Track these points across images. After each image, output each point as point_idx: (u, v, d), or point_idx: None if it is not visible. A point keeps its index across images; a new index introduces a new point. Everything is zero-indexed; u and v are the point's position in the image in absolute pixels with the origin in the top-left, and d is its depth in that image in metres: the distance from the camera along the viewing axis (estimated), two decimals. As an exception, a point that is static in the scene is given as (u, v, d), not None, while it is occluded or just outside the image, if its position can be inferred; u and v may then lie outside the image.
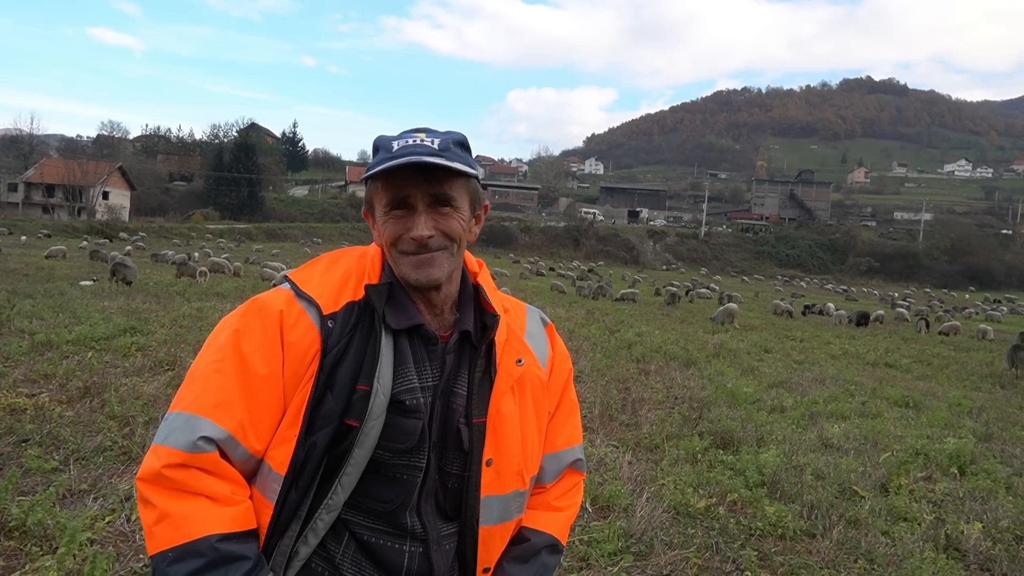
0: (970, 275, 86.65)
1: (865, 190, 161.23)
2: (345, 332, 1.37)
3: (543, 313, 1.68)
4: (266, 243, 57.87)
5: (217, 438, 1.28)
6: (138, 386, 6.86)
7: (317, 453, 1.32)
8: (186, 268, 23.27)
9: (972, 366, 17.21)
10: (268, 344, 1.34)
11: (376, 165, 1.36)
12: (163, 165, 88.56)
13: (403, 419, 1.35)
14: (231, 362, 1.33)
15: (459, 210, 1.41)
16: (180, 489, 1.26)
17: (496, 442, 1.41)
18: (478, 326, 1.48)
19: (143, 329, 10.17)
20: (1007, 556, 4.74)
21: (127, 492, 4.39)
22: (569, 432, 1.63)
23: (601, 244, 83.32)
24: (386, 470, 1.37)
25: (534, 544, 1.53)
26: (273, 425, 1.33)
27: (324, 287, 1.42)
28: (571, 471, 1.64)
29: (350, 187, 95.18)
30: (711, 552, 4.41)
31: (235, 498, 1.30)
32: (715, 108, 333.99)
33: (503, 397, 1.43)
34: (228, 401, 1.30)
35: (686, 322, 22.80)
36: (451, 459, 1.42)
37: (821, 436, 7.66)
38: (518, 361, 1.46)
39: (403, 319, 1.40)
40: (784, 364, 13.97)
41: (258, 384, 1.32)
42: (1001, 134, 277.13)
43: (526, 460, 1.48)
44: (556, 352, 1.62)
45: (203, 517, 1.25)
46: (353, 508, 1.38)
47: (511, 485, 1.45)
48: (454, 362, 1.45)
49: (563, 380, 1.63)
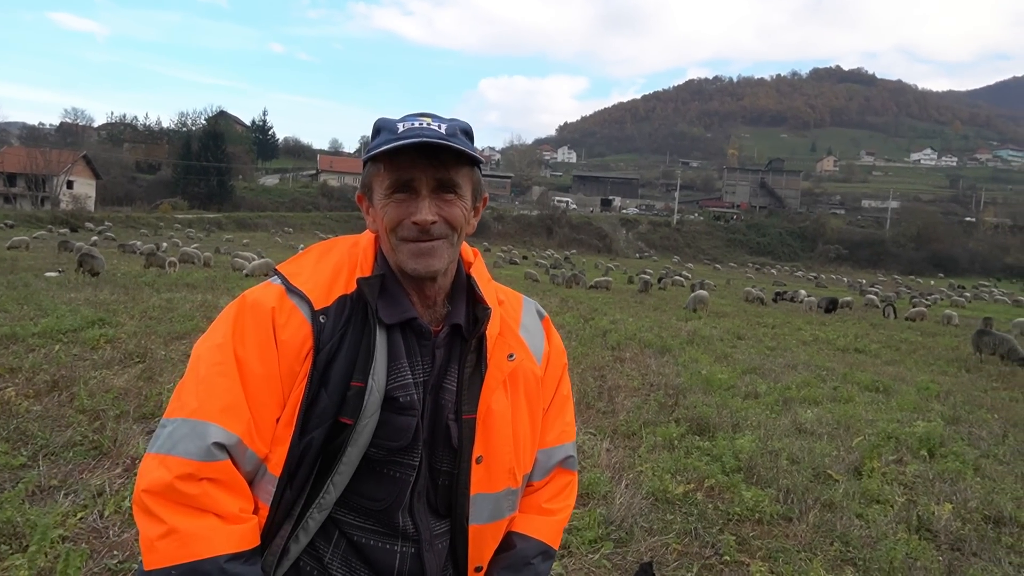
0: (935, 262, 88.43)
1: (834, 178, 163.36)
2: (338, 328, 1.33)
3: (539, 305, 1.63)
4: (236, 233, 57.09)
5: (228, 444, 1.24)
6: (108, 379, 6.73)
7: (312, 452, 1.29)
8: (155, 258, 22.87)
9: (939, 351, 17.53)
10: (262, 343, 1.30)
11: (379, 146, 1.32)
12: (129, 154, 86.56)
13: (397, 416, 1.32)
14: (231, 364, 1.28)
15: (463, 198, 1.38)
16: (191, 505, 1.21)
17: (486, 439, 1.38)
18: (470, 319, 1.44)
19: (112, 321, 9.97)
20: (976, 536, 4.84)
21: (99, 487, 4.31)
22: (561, 428, 1.58)
23: (574, 232, 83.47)
24: (379, 468, 1.34)
25: (525, 552, 1.49)
26: (273, 425, 1.30)
27: (315, 280, 1.37)
28: (561, 469, 1.59)
29: (321, 176, 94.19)
30: (690, 537, 4.44)
31: (243, 515, 1.26)
32: (687, 97, 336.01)
33: (493, 393, 1.39)
34: (235, 405, 1.26)
35: (659, 309, 22.94)
36: (441, 456, 1.38)
37: (795, 421, 7.75)
38: (509, 356, 1.42)
39: (396, 313, 1.36)
40: (757, 351, 14.12)
41: (258, 385, 1.28)
42: (965, 123, 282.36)
43: (518, 457, 1.44)
44: (552, 346, 1.57)
45: (212, 536, 1.21)
46: (344, 507, 1.35)
47: (502, 483, 1.41)
48: (444, 356, 1.40)
49: (558, 375, 1.58)
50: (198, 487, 1.21)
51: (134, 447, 5.00)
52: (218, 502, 1.22)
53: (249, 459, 1.27)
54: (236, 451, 1.25)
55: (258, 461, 1.29)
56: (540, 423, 1.52)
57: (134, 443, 5.06)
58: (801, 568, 4.05)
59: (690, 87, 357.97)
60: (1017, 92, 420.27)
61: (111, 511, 4.03)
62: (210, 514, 1.21)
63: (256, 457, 1.28)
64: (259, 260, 24.83)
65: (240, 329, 1.31)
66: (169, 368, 7.48)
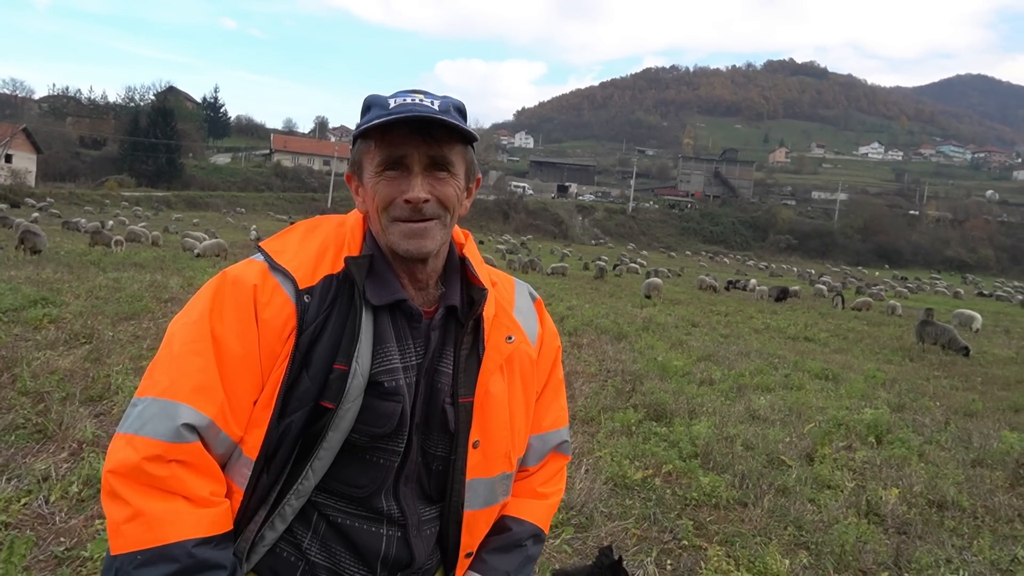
0: (880, 253, 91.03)
1: (786, 170, 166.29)
2: (323, 308, 1.28)
3: (532, 288, 1.60)
4: (186, 212, 55.65)
5: (199, 425, 1.19)
6: (52, 360, 6.50)
7: (291, 436, 1.24)
8: (100, 237, 22.17)
9: (884, 340, 18.07)
10: (242, 322, 1.24)
11: (370, 121, 1.26)
12: (73, 128, 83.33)
13: (381, 402, 1.27)
14: (207, 343, 1.22)
15: (456, 177, 1.33)
16: (159, 487, 1.16)
17: (483, 423, 1.35)
18: (464, 301, 1.40)
19: (55, 300, 9.64)
20: (921, 520, 5.00)
21: (44, 472, 4.16)
22: (556, 413, 1.57)
23: (531, 218, 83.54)
24: (361, 454, 1.29)
25: (518, 534, 1.47)
26: (250, 407, 1.24)
27: (300, 259, 1.31)
28: (556, 454, 1.58)
29: (275, 156, 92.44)
30: (649, 522, 4.48)
31: (214, 499, 1.21)
32: (644, 85, 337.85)
33: (492, 376, 1.36)
34: (208, 385, 1.20)
35: (615, 296, 23.14)
36: (436, 440, 1.35)
37: (749, 408, 7.89)
38: (508, 338, 1.39)
39: (384, 294, 1.31)
40: (711, 338, 14.34)
41: (235, 365, 1.23)
42: (911, 119, 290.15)
43: (514, 441, 1.41)
44: (545, 329, 1.54)
45: (180, 519, 1.16)
46: (324, 491, 1.30)
47: (498, 468, 1.39)
48: (439, 339, 1.36)
49: (551, 358, 1.55)
50: (167, 469, 1.16)
51: (81, 431, 4.84)
52: (187, 485, 1.17)
53: (222, 441, 1.22)
54: (208, 433, 1.20)
55: (232, 444, 1.23)
56: (534, 407, 1.50)
57: (81, 427, 4.90)
58: (757, 552, 4.12)
59: (647, 75, 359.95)
60: (960, 90, 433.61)
61: (57, 496, 3.90)
62: (179, 497, 1.17)
63: (229, 440, 1.23)
64: (210, 240, 24.21)
65: (219, 306, 1.25)
66: (117, 350, 7.26)
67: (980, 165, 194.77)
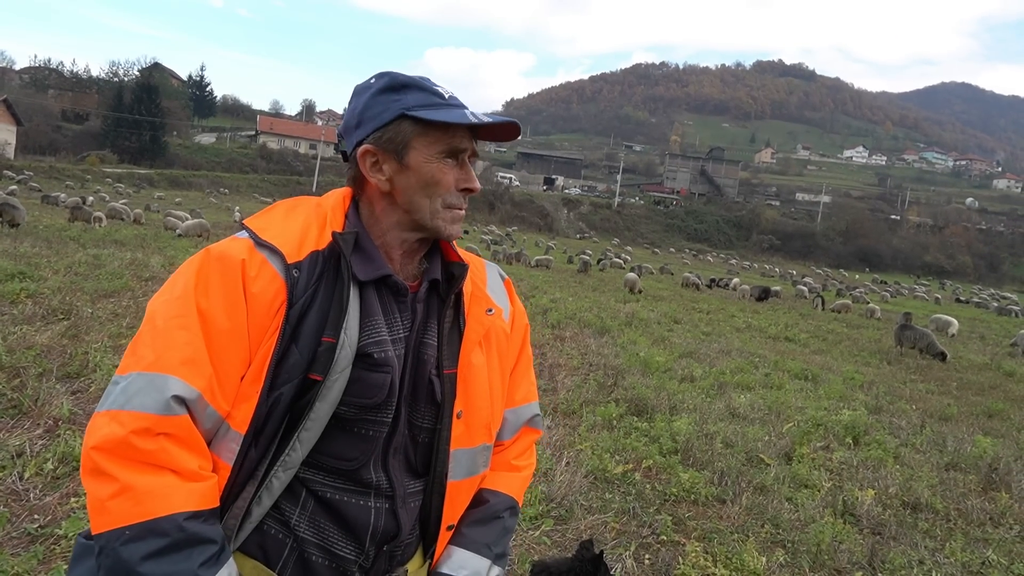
0: (861, 256, 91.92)
1: (771, 170, 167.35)
2: (311, 282, 1.28)
3: (500, 269, 1.66)
4: (168, 191, 55.03)
5: (188, 398, 1.17)
6: (29, 335, 6.40)
7: (280, 409, 1.24)
8: (80, 212, 21.85)
9: (863, 342, 18.24)
10: (230, 296, 1.23)
11: (424, 105, 1.32)
12: (55, 101, 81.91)
13: (370, 373, 1.28)
14: (193, 317, 1.21)
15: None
16: (147, 461, 1.14)
17: (466, 394, 1.40)
18: (445, 276, 1.45)
19: (33, 275, 9.49)
20: (895, 521, 5.06)
21: (18, 448, 4.10)
22: (527, 388, 1.63)
23: (516, 210, 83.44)
24: (349, 426, 1.29)
25: (495, 506, 1.51)
26: (238, 382, 1.23)
27: (286, 235, 1.30)
28: (528, 428, 1.64)
29: (261, 137, 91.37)
30: (628, 516, 4.50)
31: (203, 473, 1.20)
32: (633, 80, 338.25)
33: (474, 348, 1.42)
34: (196, 358, 1.19)
35: (598, 290, 23.19)
36: (422, 412, 1.38)
37: (729, 406, 7.94)
38: (488, 310, 1.46)
39: (370, 270, 1.32)
40: (693, 335, 14.41)
41: (222, 340, 1.22)
42: (896, 124, 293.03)
43: (493, 412, 1.47)
44: (515, 307, 1.61)
45: (170, 493, 1.14)
46: (312, 467, 1.30)
47: (479, 438, 1.43)
48: (424, 312, 1.40)
49: (521, 335, 1.62)
50: (155, 442, 1.14)
51: (57, 407, 4.77)
52: (176, 459, 1.15)
53: (209, 416, 1.21)
54: (196, 407, 1.19)
55: (218, 419, 1.22)
56: (508, 381, 1.56)
57: (57, 403, 4.83)
58: (734, 549, 4.15)
59: (637, 71, 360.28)
60: (944, 98, 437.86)
61: (31, 473, 3.84)
62: (167, 471, 1.15)
63: (217, 414, 1.22)
64: (192, 220, 23.95)
65: (204, 281, 1.24)
66: (96, 327, 7.16)
67: (961, 172, 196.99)
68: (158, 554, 1.11)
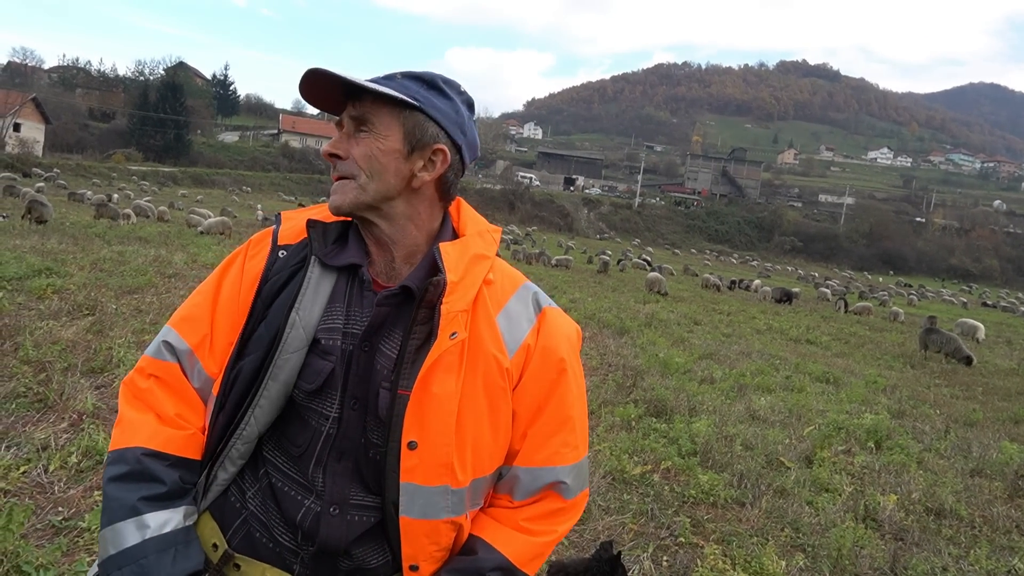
0: (885, 259, 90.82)
1: (793, 171, 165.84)
2: (291, 263, 1.36)
3: (545, 297, 1.43)
4: (192, 188, 55.60)
5: (178, 348, 1.36)
6: (55, 330, 6.48)
7: (242, 380, 1.30)
8: (106, 209, 22.10)
9: (885, 346, 18.02)
10: (236, 270, 1.41)
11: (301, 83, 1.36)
12: (82, 100, 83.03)
13: (316, 358, 1.30)
14: (211, 286, 1.41)
15: (379, 136, 1.28)
16: (139, 398, 1.34)
17: (421, 423, 1.23)
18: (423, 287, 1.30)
19: (60, 271, 9.62)
20: (918, 527, 4.99)
21: (43, 441, 4.16)
22: (555, 449, 1.35)
23: (536, 209, 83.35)
24: (300, 411, 1.32)
25: (481, 561, 1.30)
26: (228, 349, 1.35)
27: (295, 222, 1.44)
28: (552, 493, 1.37)
29: (283, 136, 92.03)
30: (646, 518, 4.47)
31: (180, 421, 1.33)
32: (655, 81, 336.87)
33: (436, 372, 1.23)
34: (196, 317, 1.38)
35: (618, 291, 23.10)
36: (373, 427, 1.27)
37: (749, 408, 7.87)
38: (452, 334, 1.24)
39: (341, 257, 1.35)
40: (713, 336, 14.32)
41: (224, 306, 1.38)
42: (922, 125, 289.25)
43: (462, 454, 1.26)
44: (539, 343, 1.35)
45: (141, 428, 1.30)
46: (276, 448, 1.34)
47: (437, 478, 1.24)
48: (387, 317, 1.29)
49: (547, 380, 1.35)
50: (146, 382, 1.34)
51: (81, 401, 4.83)
52: (159, 400, 1.33)
53: (199, 373, 1.36)
54: (185, 359, 1.36)
55: (208, 379, 1.36)
56: (506, 425, 1.33)
57: (82, 397, 4.89)
58: (753, 552, 4.11)
59: (659, 71, 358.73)
60: (972, 98, 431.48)
61: (56, 466, 3.89)
62: (150, 411, 1.32)
63: (205, 374, 1.36)
64: (215, 218, 24.18)
65: (232, 259, 1.44)
66: (120, 323, 7.25)
67: (989, 175, 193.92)
68: (116, 479, 1.26)
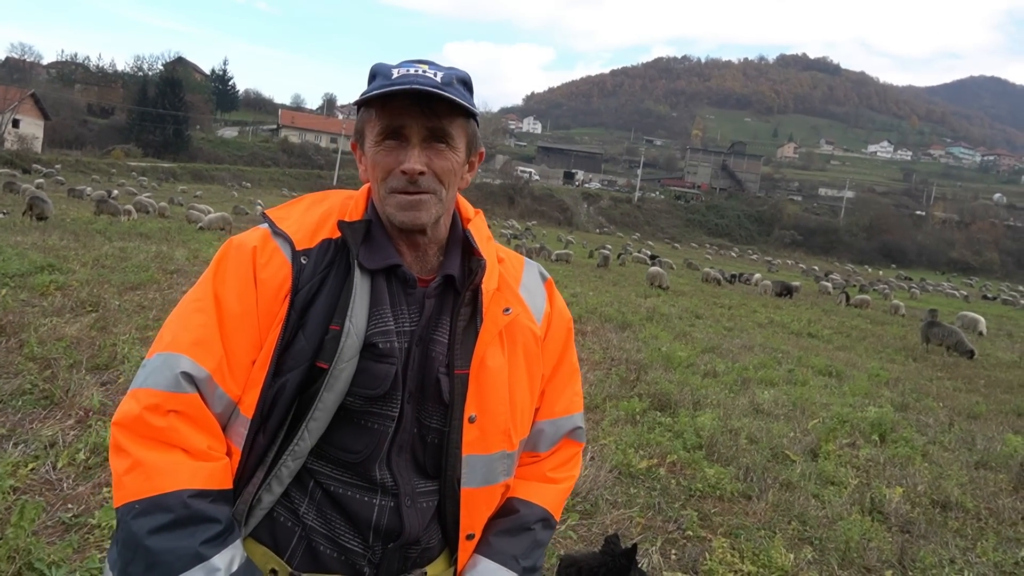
0: (885, 252, 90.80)
1: (793, 165, 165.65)
2: (319, 269, 1.30)
3: (544, 268, 1.58)
4: (191, 184, 55.53)
5: (197, 376, 1.21)
6: (59, 327, 6.48)
7: (286, 396, 1.25)
8: (106, 206, 22.07)
9: (887, 339, 18.03)
10: (241, 282, 1.29)
11: (372, 91, 1.27)
12: (81, 95, 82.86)
13: (375, 363, 1.27)
14: (209, 302, 1.27)
15: (455, 150, 1.32)
16: (157, 438, 1.18)
17: (480, 396, 1.32)
18: (464, 272, 1.39)
19: (62, 267, 9.62)
20: (924, 519, 5.00)
21: (51, 438, 4.16)
22: (569, 398, 1.53)
23: (536, 204, 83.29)
24: (356, 418, 1.29)
25: (526, 517, 1.43)
26: (249, 366, 1.27)
27: (300, 224, 1.36)
28: (569, 440, 1.55)
29: (282, 131, 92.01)
30: (653, 511, 4.48)
31: (212, 453, 1.22)
32: (654, 74, 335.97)
33: (488, 348, 1.33)
34: (207, 340, 1.24)
35: (619, 285, 23.09)
36: (431, 412, 1.33)
37: (753, 401, 7.88)
38: (505, 310, 1.37)
39: (379, 259, 1.32)
40: (714, 330, 14.31)
41: (234, 323, 1.26)
42: (922, 119, 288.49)
43: (515, 419, 1.38)
44: (554, 308, 1.52)
45: (177, 470, 1.17)
46: (321, 459, 1.31)
47: (496, 445, 1.35)
48: (435, 308, 1.36)
49: (562, 340, 1.52)
50: (165, 420, 1.18)
51: (87, 398, 4.83)
52: (185, 437, 1.19)
53: (219, 398, 1.24)
54: (205, 387, 1.22)
55: (230, 402, 1.26)
56: (540, 387, 1.47)
57: (88, 394, 4.89)
58: (761, 545, 4.12)
59: (658, 65, 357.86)
60: (972, 92, 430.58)
61: (64, 463, 3.89)
62: (177, 448, 1.18)
63: (227, 397, 1.25)
64: (215, 214, 24.16)
65: (222, 269, 1.30)
66: (124, 319, 7.25)
67: (989, 168, 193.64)
68: (163, 529, 1.13)
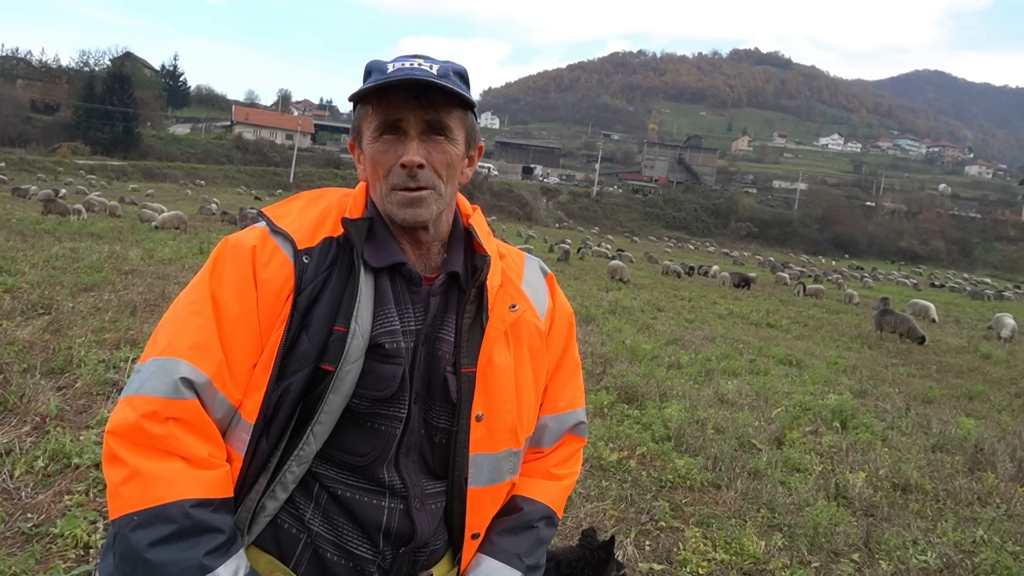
0: (838, 243, 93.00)
1: (748, 158, 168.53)
2: (322, 269, 1.26)
3: (544, 263, 1.56)
4: (142, 183, 54.19)
5: (196, 382, 1.16)
6: (10, 331, 6.26)
7: (290, 399, 1.20)
8: (54, 205, 21.44)
9: (842, 327, 18.44)
10: (241, 283, 1.23)
11: (367, 86, 1.23)
12: (24, 91, 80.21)
13: (382, 364, 1.23)
14: (206, 304, 1.21)
15: (454, 142, 1.29)
16: (156, 447, 1.13)
17: (487, 394, 1.30)
18: (468, 269, 1.37)
19: (10, 269, 9.30)
20: (887, 502, 5.11)
21: (6, 446, 4.00)
22: (572, 393, 1.52)
23: (495, 199, 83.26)
24: (362, 420, 1.25)
25: (529, 515, 1.42)
26: (249, 370, 1.21)
27: (300, 222, 1.30)
28: (572, 436, 1.54)
29: (236, 128, 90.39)
30: (626, 503, 4.50)
31: (213, 461, 1.17)
32: (611, 69, 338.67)
33: (495, 345, 1.31)
34: (206, 343, 1.18)
35: (580, 279, 23.21)
36: (438, 411, 1.30)
37: (717, 392, 7.98)
38: (512, 307, 1.35)
39: (383, 257, 1.28)
40: (676, 322, 14.48)
41: (233, 325, 1.20)
42: (871, 112, 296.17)
43: (521, 417, 1.36)
44: (556, 303, 1.50)
45: (177, 479, 1.11)
46: (326, 462, 1.26)
47: (503, 443, 1.33)
48: (440, 306, 1.32)
49: (564, 335, 1.51)
50: (164, 427, 1.13)
51: (43, 404, 4.67)
52: (185, 445, 1.14)
53: (220, 403, 1.19)
54: (205, 392, 1.17)
55: (230, 407, 1.20)
56: (544, 383, 1.45)
57: (43, 399, 4.73)
58: (733, 534, 4.16)
59: (614, 60, 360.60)
60: (917, 85, 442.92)
61: (22, 471, 3.76)
62: (176, 457, 1.13)
63: (228, 402, 1.20)
64: (169, 212, 23.61)
65: (219, 269, 1.24)
66: (79, 321, 7.03)
67: (934, 159, 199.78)
68: (164, 541, 1.08)
